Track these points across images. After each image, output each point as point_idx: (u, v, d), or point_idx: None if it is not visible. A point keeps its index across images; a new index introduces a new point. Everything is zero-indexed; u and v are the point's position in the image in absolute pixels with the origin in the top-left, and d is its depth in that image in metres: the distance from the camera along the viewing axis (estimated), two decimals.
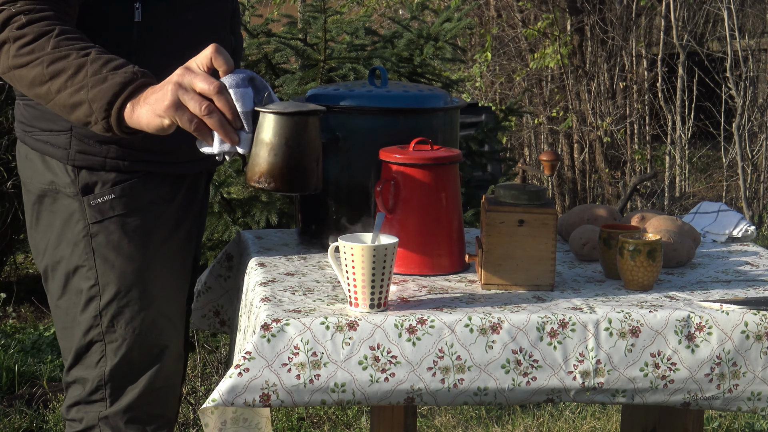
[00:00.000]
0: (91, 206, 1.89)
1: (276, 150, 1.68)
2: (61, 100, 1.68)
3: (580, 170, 8.02)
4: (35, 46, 1.68)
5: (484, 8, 8.40)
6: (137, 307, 1.91)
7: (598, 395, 1.71)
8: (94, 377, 1.93)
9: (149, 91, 1.66)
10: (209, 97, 1.62)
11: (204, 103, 1.62)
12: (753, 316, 1.73)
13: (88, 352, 1.93)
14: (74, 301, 1.93)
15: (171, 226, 1.97)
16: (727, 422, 3.61)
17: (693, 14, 8.06)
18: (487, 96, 8.52)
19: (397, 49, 4.26)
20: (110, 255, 1.90)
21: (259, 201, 3.92)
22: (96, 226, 1.89)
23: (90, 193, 1.89)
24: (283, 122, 1.67)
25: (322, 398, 1.64)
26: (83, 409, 1.94)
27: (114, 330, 1.91)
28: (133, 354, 1.92)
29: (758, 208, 7.28)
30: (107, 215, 1.89)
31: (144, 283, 1.92)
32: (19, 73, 1.70)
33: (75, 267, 1.91)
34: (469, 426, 3.59)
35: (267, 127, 1.67)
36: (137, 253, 1.91)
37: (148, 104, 1.64)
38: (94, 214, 1.89)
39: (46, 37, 1.68)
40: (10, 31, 1.69)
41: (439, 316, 1.68)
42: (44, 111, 1.89)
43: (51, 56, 1.67)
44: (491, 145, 4.62)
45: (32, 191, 1.95)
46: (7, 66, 1.71)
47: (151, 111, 1.64)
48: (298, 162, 1.70)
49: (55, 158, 1.90)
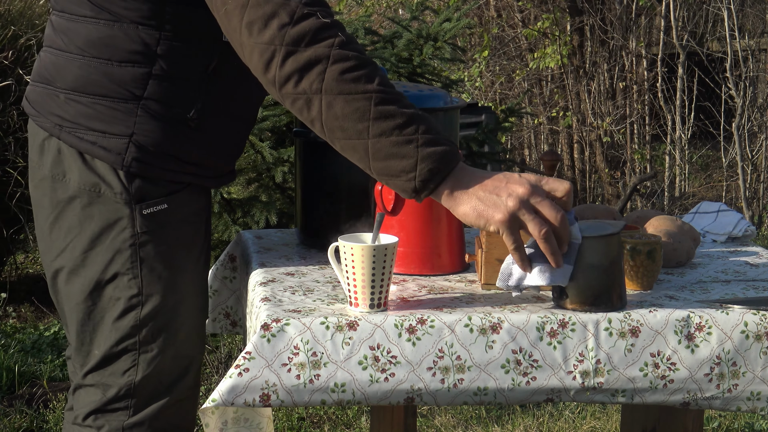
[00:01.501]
0: (143, 215, 1.82)
1: (606, 270, 1.72)
2: (379, 145, 1.60)
3: (580, 170, 8.02)
4: (361, 75, 1.60)
5: (484, 8, 8.40)
6: (181, 319, 1.88)
7: (598, 395, 1.71)
8: (121, 385, 1.86)
9: (472, 176, 1.63)
10: (551, 223, 1.62)
11: (545, 226, 1.61)
12: (753, 316, 1.73)
13: (118, 359, 1.86)
14: (104, 307, 1.86)
15: (204, 238, 1.95)
16: (727, 422, 3.61)
17: (693, 14, 8.07)
18: (487, 96, 8.52)
19: (397, 49, 4.27)
20: (157, 266, 1.84)
21: (259, 201, 3.92)
22: (146, 235, 1.82)
23: (142, 201, 1.82)
24: (607, 243, 1.71)
25: (322, 398, 1.64)
26: (104, 417, 1.88)
27: (152, 341, 1.85)
28: (165, 365, 1.87)
29: (758, 208, 7.28)
30: (158, 225, 1.83)
31: (189, 295, 1.89)
32: (331, 100, 1.60)
33: (114, 274, 1.84)
34: (469, 426, 3.60)
35: (593, 251, 1.70)
36: (184, 264, 1.88)
37: (474, 197, 1.62)
38: (145, 222, 1.82)
39: (370, 68, 1.61)
40: (332, 49, 1.60)
41: (439, 316, 1.68)
42: (99, 111, 1.80)
43: (380, 95, 1.60)
44: (491, 146, 4.63)
45: (61, 189, 1.85)
46: (317, 88, 1.60)
47: (474, 207, 1.61)
48: (619, 278, 1.75)
49: (104, 161, 1.81)
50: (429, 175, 1.61)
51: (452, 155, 1.63)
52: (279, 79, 1.63)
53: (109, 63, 1.78)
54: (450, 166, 1.63)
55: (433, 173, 1.61)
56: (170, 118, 1.81)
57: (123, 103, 1.79)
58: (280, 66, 1.62)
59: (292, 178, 3.90)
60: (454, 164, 1.63)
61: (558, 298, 1.74)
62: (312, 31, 1.61)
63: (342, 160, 2.01)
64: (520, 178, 1.63)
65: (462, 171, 1.64)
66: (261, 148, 3.88)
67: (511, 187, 1.62)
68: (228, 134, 1.92)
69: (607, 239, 1.71)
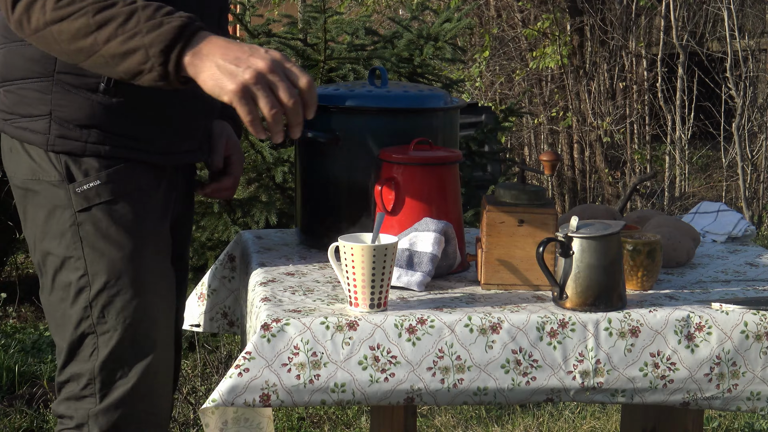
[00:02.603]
0: (77, 193, 1.81)
1: (606, 270, 1.72)
2: (111, 50, 1.62)
3: (580, 170, 8.02)
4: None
5: (484, 8, 8.40)
6: (128, 295, 1.83)
7: (598, 395, 1.71)
8: (87, 371, 1.84)
9: (214, 44, 1.62)
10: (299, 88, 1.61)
11: (276, 107, 1.60)
12: (753, 316, 1.73)
13: (81, 346, 1.85)
14: (62, 296, 1.85)
15: (158, 216, 1.89)
16: (727, 422, 3.61)
17: (693, 14, 8.07)
18: (487, 96, 8.52)
19: (397, 49, 4.27)
20: (99, 243, 1.82)
21: (258, 201, 3.92)
22: (83, 214, 1.81)
23: (75, 180, 1.81)
24: (607, 243, 1.72)
25: (322, 398, 1.64)
26: (74, 405, 1.86)
27: (105, 321, 1.83)
28: (124, 345, 1.84)
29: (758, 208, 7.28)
30: (94, 202, 1.81)
31: (134, 270, 1.84)
32: (58, 28, 1.63)
33: (63, 259, 1.83)
34: (469, 426, 3.59)
35: (593, 251, 1.72)
36: (127, 240, 1.83)
37: (213, 64, 1.60)
38: (81, 201, 1.81)
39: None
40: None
41: (439, 316, 1.68)
42: (24, 95, 1.81)
43: (96, 5, 1.62)
44: (491, 146, 4.63)
45: (18, 185, 1.88)
46: (43, 22, 1.64)
47: (212, 75, 1.60)
48: (619, 278, 1.75)
49: (35, 145, 1.82)
50: (162, 56, 1.61)
51: (183, 28, 1.61)
52: (15, 23, 1.68)
53: (23, 44, 1.79)
54: (183, 37, 1.61)
55: (165, 53, 1.61)
56: (85, 88, 1.79)
57: (39, 82, 1.80)
58: (12, 10, 1.67)
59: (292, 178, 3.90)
60: (189, 35, 1.62)
61: (558, 298, 1.74)
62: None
63: (342, 160, 2.02)
64: (265, 53, 1.61)
65: (204, 40, 1.63)
66: (261, 148, 3.88)
67: (252, 60, 1.60)
68: (155, 103, 1.85)
69: (607, 239, 1.71)
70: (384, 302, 1.71)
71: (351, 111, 2.01)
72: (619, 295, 1.74)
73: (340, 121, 2.01)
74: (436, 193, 1.91)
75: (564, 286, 1.73)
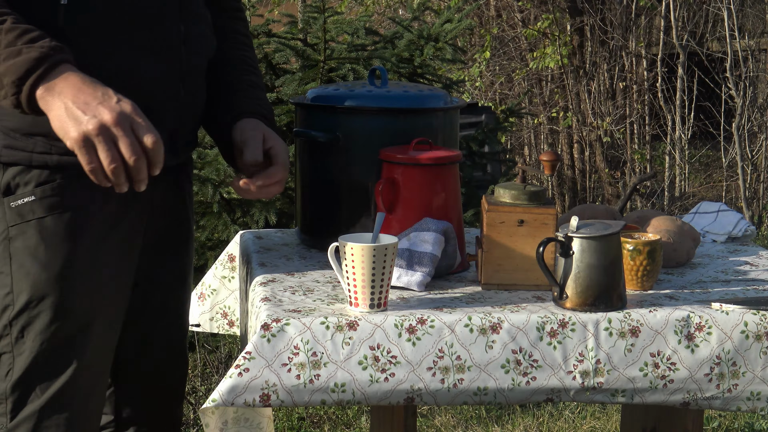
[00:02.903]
0: (11, 208, 1.73)
1: (606, 270, 1.73)
2: None
3: (580, 170, 8.02)
4: None
5: (484, 8, 8.40)
6: (47, 318, 1.74)
7: (598, 395, 1.71)
8: (1, 391, 1.77)
9: (68, 83, 1.56)
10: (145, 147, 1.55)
11: (116, 162, 1.54)
12: (753, 316, 1.73)
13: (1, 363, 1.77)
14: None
15: (102, 232, 1.78)
16: (727, 422, 3.61)
17: (693, 14, 8.07)
18: (487, 96, 8.52)
19: (398, 49, 4.27)
20: (27, 261, 1.74)
21: (258, 201, 3.92)
22: (15, 229, 1.73)
23: (11, 194, 1.74)
24: (607, 243, 1.72)
25: (322, 398, 1.64)
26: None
27: (24, 341, 1.75)
28: (37, 368, 1.75)
29: (758, 208, 7.28)
30: (27, 218, 1.73)
31: (59, 292, 1.75)
32: None
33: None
34: (469, 426, 3.60)
35: (593, 251, 1.72)
36: (55, 259, 1.74)
37: (63, 105, 1.55)
38: (14, 216, 1.74)
39: None
40: None
41: (439, 316, 1.68)
42: None
43: None
44: (491, 146, 4.63)
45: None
46: None
47: (59, 116, 1.55)
48: (619, 278, 1.75)
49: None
50: (14, 87, 1.55)
51: (40, 60, 1.55)
52: None
53: None
54: (37, 69, 1.55)
55: (18, 84, 1.55)
56: None
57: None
58: None
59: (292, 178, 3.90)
60: (47, 68, 1.55)
61: (558, 298, 1.74)
62: None
63: (342, 160, 2.02)
64: (116, 103, 1.56)
65: (60, 76, 1.56)
66: None
67: (99, 109, 1.54)
68: None
69: (607, 239, 1.72)
70: (384, 302, 1.71)
71: (351, 111, 2.01)
72: (619, 295, 1.74)
73: (340, 121, 2.01)
74: (436, 193, 1.91)
75: (564, 286, 1.73)
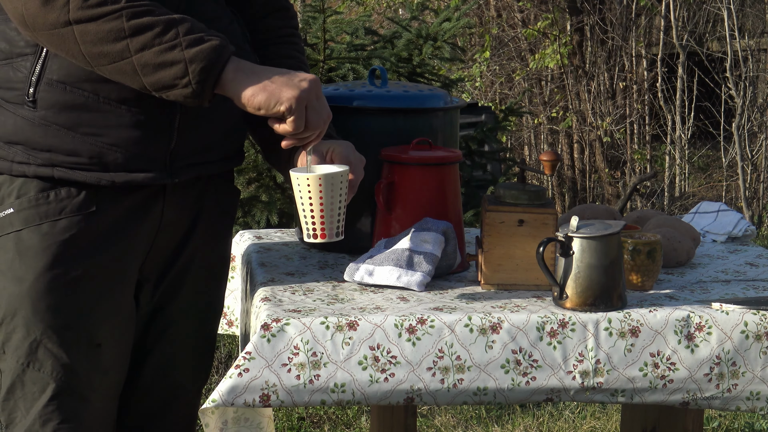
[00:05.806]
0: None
1: (606, 270, 1.72)
2: (144, 59, 1.55)
3: (580, 170, 8.02)
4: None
5: (484, 8, 8.40)
6: (20, 335, 1.68)
7: (598, 395, 1.71)
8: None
9: (254, 65, 1.62)
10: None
11: (322, 126, 1.67)
12: (752, 316, 1.73)
13: None
14: None
15: (85, 246, 1.70)
16: (727, 422, 3.61)
17: (693, 14, 8.07)
18: (487, 96, 8.53)
19: (397, 49, 4.27)
20: (2, 275, 1.68)
21: (259, 201, 3.92)
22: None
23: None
24: (607, 243, 1.72)
25: (322, 398, 1.64)
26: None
27: (6, 357, 1.70)
28: (19, 387, 1.70)
29: (758, 208, 7.28)
30: (5, 231, 1.68)
31: (30, 308, 1.68)
32: (83, 28, 1.54)
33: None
34: (469, 426, 3.60)
35: (593, 251, 1.72)
36: (29, 274, 1.67)
37: (263, 77, 1.60)
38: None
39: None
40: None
41: (439, 316, 1.68)
42: None
43: (131, 10, 1.54)
44: (491, 145, 4.63)
45: None
46: (64, 20, 1.54)
47: (264, 86, 1.60)
48: (619, 278, 1.75)
49: None
50: (203, 74, 1.57)
51: (221, 48, 1.58)
52: (30, 16, 1.57)
53: None
54: (223, 58, 1.58)
55: (206, 71, 1.57)
56: (11, 102, 1.67)
57: None
58: (26, 5, 1.57)
59: None
60: (227, 56, 1.59)
61: (558, 298, 1.74)
62: None
63: None
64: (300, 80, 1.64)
65: (239, 61, 1.61)
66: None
67: (302, 75, 1.62)
68: (83, 118, 1.67)
69: (607, 239, 1.72)
70: (341, 231, 1.72)
71: (351, 111, 2.01)
72: (619, 295, 1.74)
73: (340, 121, 2.01)
74: (436, 193, 1.91)
75: (564, 286, 1.73)
